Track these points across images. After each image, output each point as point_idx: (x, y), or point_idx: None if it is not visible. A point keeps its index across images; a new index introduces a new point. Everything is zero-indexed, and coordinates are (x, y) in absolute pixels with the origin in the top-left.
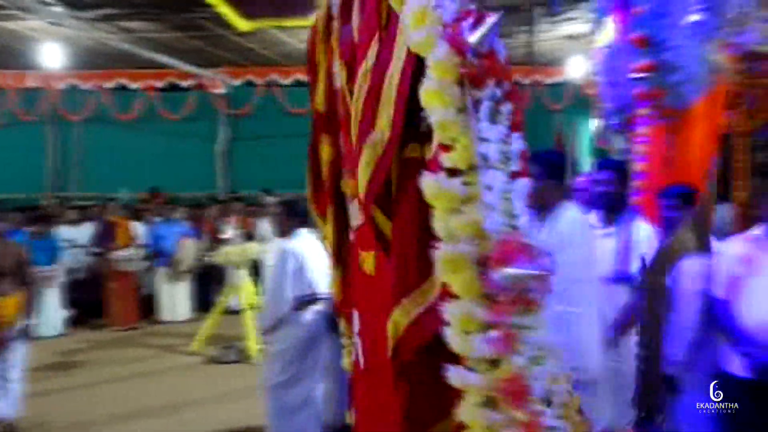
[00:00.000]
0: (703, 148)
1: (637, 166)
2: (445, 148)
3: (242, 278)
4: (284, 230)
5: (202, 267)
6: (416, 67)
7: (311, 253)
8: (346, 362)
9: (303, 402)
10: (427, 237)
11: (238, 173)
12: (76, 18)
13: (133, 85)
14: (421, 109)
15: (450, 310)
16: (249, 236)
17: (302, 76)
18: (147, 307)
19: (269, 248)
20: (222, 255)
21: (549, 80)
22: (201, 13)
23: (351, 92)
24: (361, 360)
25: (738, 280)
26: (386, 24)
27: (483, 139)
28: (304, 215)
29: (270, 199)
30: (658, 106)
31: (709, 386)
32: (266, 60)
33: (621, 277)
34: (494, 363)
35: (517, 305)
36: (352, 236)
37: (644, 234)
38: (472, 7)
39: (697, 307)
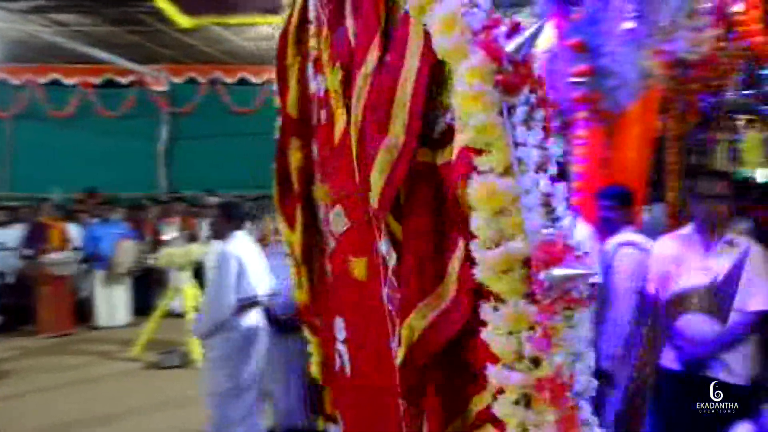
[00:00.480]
0: (639, 150)
1: (576, 168)
2: (478, 151)
3: (185, 280)
4: (221, 232)
5: (142, 269)
6: (430, 72)
7: (250, 256)
8: (314, 369)
9: (245, 414)
10: (440, 241)
11: (179, 173)
12: (5, 9)
13: (68, 81)
14: (433, 114)
15: (492, 312)
16: (192, 237)
17: (248, 75)
18: (83, 313)
19: (213, 250)
20: (164, 257)
21: None
22: (139, 7)
23: (347, 96)
24: (348, 367)
25: (669, 277)
26: (386, 26)
27: (519, 144)
28: (240, 217)
29: (213, 200)
30: (595, 110)
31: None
32: (209, 58)
33: None
34: (536, 362)
35: (562, 304)
36: (332, 242)
37: (583, 234)
38: (498, 15)
39: (631, 304)
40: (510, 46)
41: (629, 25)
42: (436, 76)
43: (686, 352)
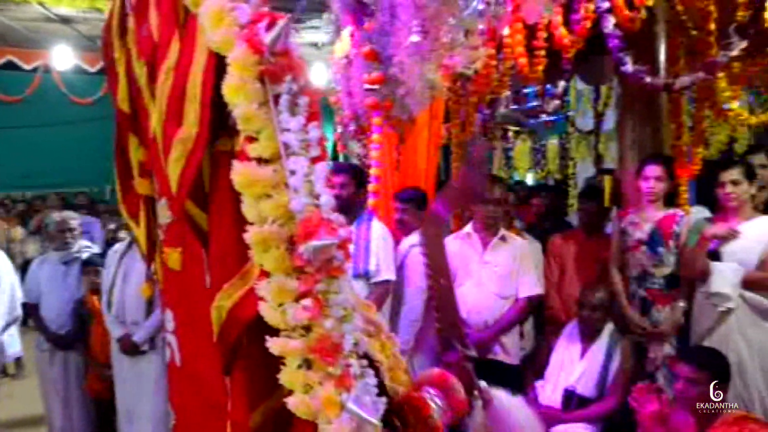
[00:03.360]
0: (427, 156)
1: (372, 171)
2: (250, 139)
3: None
4: None
5: None
6: (218, 64)
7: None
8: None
9: None
10: (242, 225)
11: None
12: None
13: None
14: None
15: (264, 287)
16: None
17: (16, 59)
18: None
19: None
20: None
21: None
22: None
23: (153, 91)
24: (177, 358)
25: (455, 272)
26: (185, 23)
27: (284, 130)
28: None
29: None
30: (387, 116)
31: (434, 364)
32: None
33: (359, 273)
34: (307, 328)
35: (322, 273)
36: (162, 235)
37: (378, 233)
38: (265, 9)
39: (422, 300)
40: (268, 38)
41: (415, 39)
42: (226, 69)
43: (470, 337)
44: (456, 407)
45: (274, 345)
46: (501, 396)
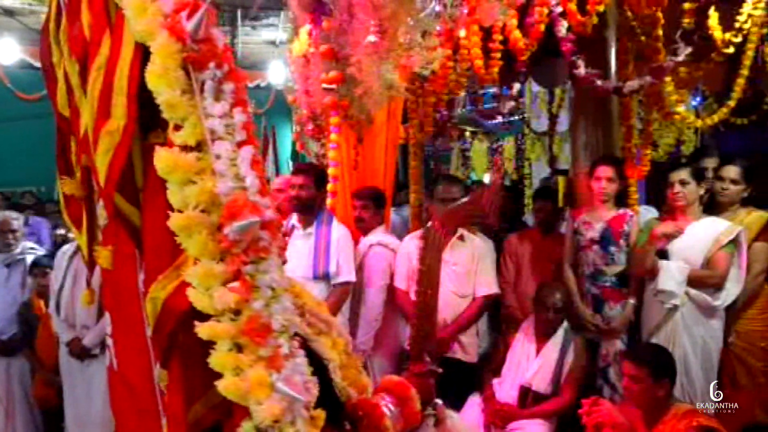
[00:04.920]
0: (385, 155)
1: (331, 171)
2: (177, 127)
3: None
4: None
5: None
6: (144, 56)
7: None
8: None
9: None
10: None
11: None
12: None
13: None
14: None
15: (192, 273)
16: None
17: None
18: None
19: None
20: None
21: (252, 84)
22: None
23: (85, 89)
24: (115, 362)
25: (414, 272)
26: (115, 19)
27: (209, 115)
28: None
29: None
30: (345, 116)
31: (394, 363)
32: None
33: (319, 275)
34: (237, 312)
35: (249, 254)
36: (101, 237)
37: (339, 234)
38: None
39: (380, 301)
40: (189, 26)
41: (372, 38)
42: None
43: None
44: (409, 418)
45: (202, 330)
46: (455, 419)
